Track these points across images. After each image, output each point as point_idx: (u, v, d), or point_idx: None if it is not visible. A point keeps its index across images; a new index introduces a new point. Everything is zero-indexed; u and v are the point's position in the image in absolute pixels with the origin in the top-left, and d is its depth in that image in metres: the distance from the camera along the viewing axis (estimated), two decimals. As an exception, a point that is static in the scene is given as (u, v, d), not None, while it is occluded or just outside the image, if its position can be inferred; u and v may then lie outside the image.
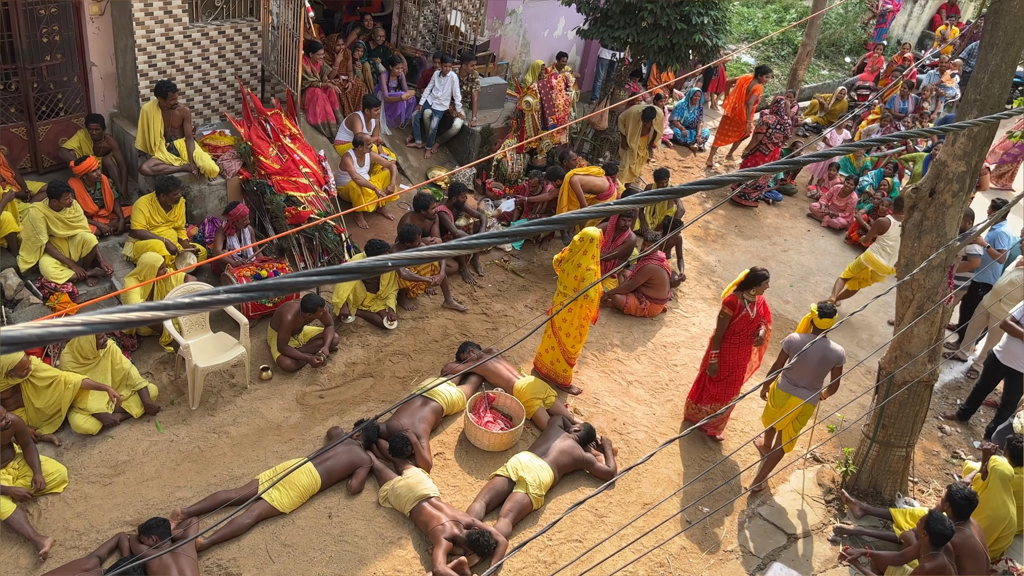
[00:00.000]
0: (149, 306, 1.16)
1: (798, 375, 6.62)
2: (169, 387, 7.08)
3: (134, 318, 1.11)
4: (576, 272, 7.30)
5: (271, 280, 1.33)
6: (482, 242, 1.68)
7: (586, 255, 7.25)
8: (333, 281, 1.34)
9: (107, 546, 5.53)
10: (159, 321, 1.14)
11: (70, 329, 1.02)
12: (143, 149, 8.14)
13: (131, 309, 1.11)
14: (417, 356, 7.93)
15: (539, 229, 1.81)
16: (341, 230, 8.59)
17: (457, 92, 10.76)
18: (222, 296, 1.23)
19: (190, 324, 7.20)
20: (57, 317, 1.04)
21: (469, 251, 1.78)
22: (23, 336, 0.96)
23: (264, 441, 6.70)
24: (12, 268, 7.18)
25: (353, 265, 1.34)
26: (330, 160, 9.32)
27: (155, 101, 8.02)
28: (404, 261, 1.41)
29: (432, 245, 1.51)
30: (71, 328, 1.02)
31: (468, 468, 6.80)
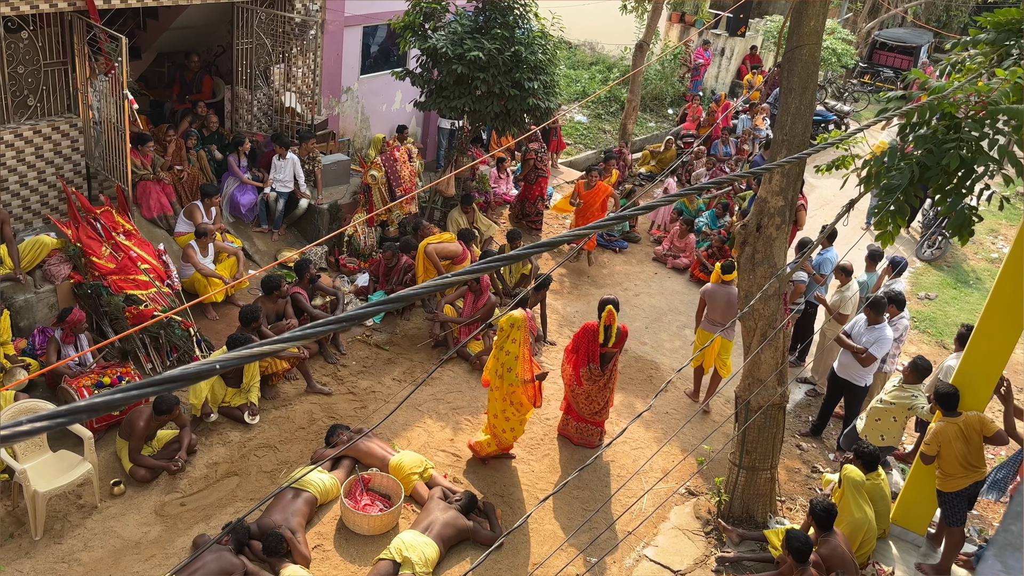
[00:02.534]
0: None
1: (714, 315, 8.67)
2: (7, 518, 6.41)
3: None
4: (505, 360, 7.21)
5: (96, 399, 1.25)
6: (341, 325, 1.65)
7: (513, 341, 7.15)
8: (160, 391, 1.27)
9: None
10: None
11: None
12: None
13: None
14: (284, 447, 7.60)
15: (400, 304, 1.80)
16: (189, 324, 8.20)
17: (300, 172, 10.65)
18: (26, 427, 1.13)
19: (26, 446, 6.58)
20: None
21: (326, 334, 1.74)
22: None
23: (122, 563, 6.17)
24: None
25: (176, 373, 1.28)
26: (171, 253, 8.93)
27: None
28: (234, 361, 1.35)
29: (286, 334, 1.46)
30: None
31: (350, 556, 6.52)
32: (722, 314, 8.59)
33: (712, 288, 8.73)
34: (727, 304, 8.52)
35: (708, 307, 8.76)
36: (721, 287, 8.60)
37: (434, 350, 9.43)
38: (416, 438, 7.96)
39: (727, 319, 8.40)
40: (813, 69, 6.49)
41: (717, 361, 8.94)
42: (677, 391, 9.41)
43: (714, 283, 8.76)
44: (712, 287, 8.74)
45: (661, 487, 7.65)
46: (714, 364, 9.00)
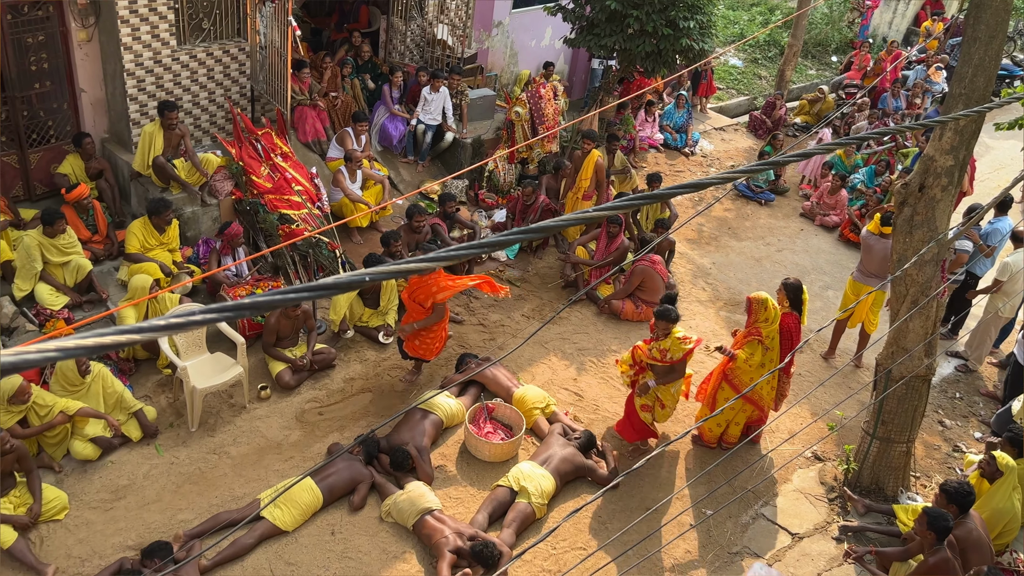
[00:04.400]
0: (126, 329, 1.17)
1: (869, 266, 8.38)
2: (168, 409, 7.07)
3: (108, 342, 1.12)
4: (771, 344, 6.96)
5: (247, 300, 1.34)
6: (472, 251, 1.69)
7: (770, 323, 6.90)
8: (309, 297, 1.35)
9: (109, 570, 5.51)
10: (137, 343, 1.15)
11: (43, 356, 1.03)
12: (140, 170, 8.17)
13: (107, 332, 1.12)
14: (415, 369, 7.93)
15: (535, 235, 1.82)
16: (335, 246, 8.60)
17: (449, 106, 10.81)
18: (198, 317, 1.24)
19: (187, 346, 7.20)
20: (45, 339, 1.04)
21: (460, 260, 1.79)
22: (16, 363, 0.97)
23: (265, 460, 6.69)
24: (7, 296, 7.18)
25: (330, 281, 1.35)
26: (322, 177, 9.35)
27: (157, 121, 8.09)
28: (381, 275, 1.42)
29: (422, 256, 1.51)
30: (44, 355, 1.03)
31: (469, 480, 6.79)
32: (878, 266, 8.27)
33: (870, 237, 8.43)
34: (883, 258, 8.12)
35: (863, 257, 8.50)
36: (879, 239, 8.26)
37: (564, 290, 9.49)
38: (540, 374, 8.09)
39: (883, 273, 8.09)
40: (1004, 17, 5.89)
41: (867, 316, 8.58)
42: (813, 353, 9.06)
43: (872, 232, 8.44)
44: (870, 236, 8.43)
45: (786, 448, 7.45)
46: (862, 321, 8.64)
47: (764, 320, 6.85)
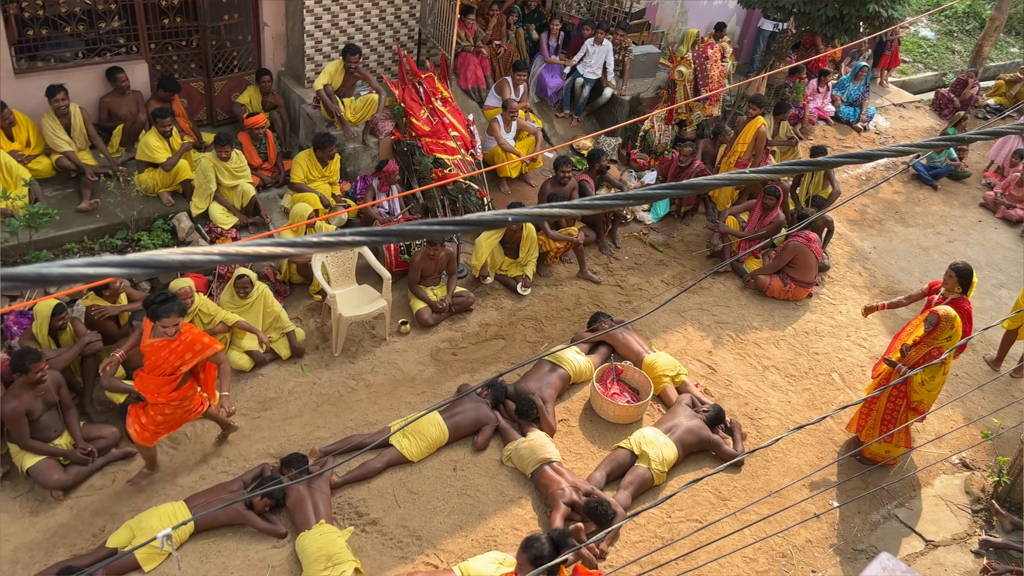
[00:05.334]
0: (281, 242, 1.24)
1: None
2: (315, 333, 7.50)
3: (264, 252, 1.20)
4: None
5: (395, 227, 1.39)
6: (617, 203, 1.67)
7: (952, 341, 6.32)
8: (454, 231, 1.38)
9: (251, 473, 5.98)
10: (289, 256, 1.22)
11: (207, 258, 1.11)
12: (317, 88, 8.52)
13: (263, 243, 1.19)
14: (548, 323, 8.00)
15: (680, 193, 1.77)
16: (484, 194, 8.74)
17: (611, 60, 10.64)
18: (347, 238, 1.29)
19: (338, 275, 7.58)
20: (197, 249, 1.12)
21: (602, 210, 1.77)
22: (167, 261, 1.06)
23: (398, 391, 7.00)
24: (185, 212, 7.80)
25: (473, 218, 1.38)
26: (478, 124, 9.48)
27: (340, 61, 8.47)
28: (524, 216, 1.42)
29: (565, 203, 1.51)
30: (208, 257, 1.11)
31: (591, 437, 6.83)
32: None
33: None
34: None
35: None
36: None
37: (708, 260, 9.23)
38: (674, 342, 7.96)
39: None
40: None
41: None
42: (976, 355, 8.39)
43: None
44: None
45: (931, 450, 7.00)
46: None
47: (946, 339, 6.27)
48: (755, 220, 8.96)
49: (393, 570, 5.54)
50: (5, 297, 6.73)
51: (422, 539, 5.78)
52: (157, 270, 1.06)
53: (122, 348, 5.83)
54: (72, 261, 0.96)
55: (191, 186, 7.83)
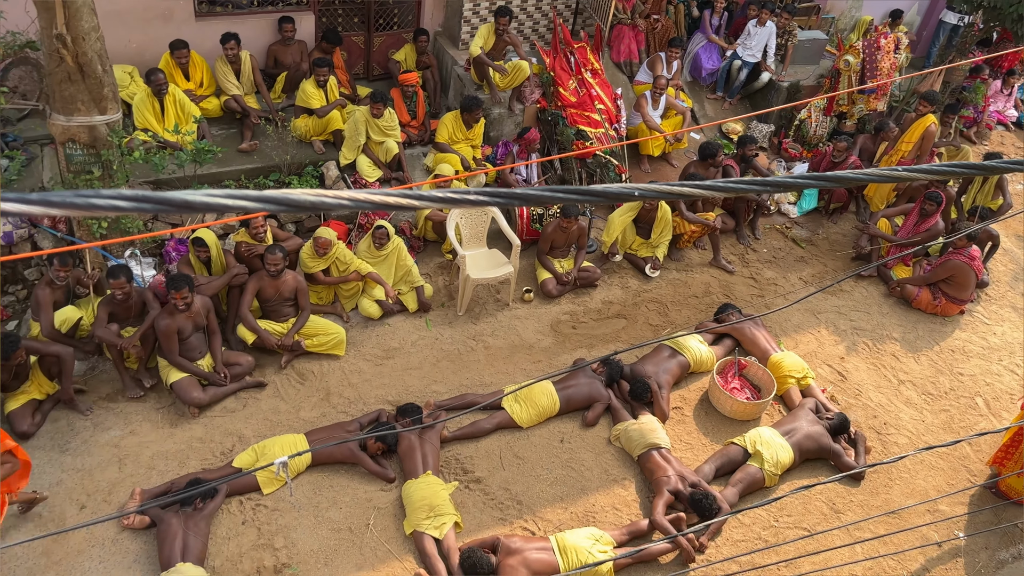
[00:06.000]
0: (409, 194, 1.27)
1: None
2: (443, 291, 7.69)
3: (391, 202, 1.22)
4: None
5: (521, 190, 1.38)
6: (754, 188, 1.59)
7: None
8: (579, 199, 1.36)
9: (369, 417, 6.24)
10: (416, 208, 1.24)
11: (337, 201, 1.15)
12: (473, 53, 8.63)
13: (392, 194, 1.22)
14: (674, 308, 7.85)
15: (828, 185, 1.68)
16: (623, 170, 8.63)
17: (773, 44, 10.18)
18: (471, 196, 1.30)
19: (470, 237, 7.72)
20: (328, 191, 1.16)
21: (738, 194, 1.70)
22: (298, 200, 1.11)
23: (515, 357, 7.08)
24: (334, 161, 8.13)
25: (600, 189, 1.35)
26: (626, 99, 9.32)
27: (491, 24, 8.56)
28: (652, 193, 1.38)
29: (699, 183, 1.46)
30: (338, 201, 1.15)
31: (704, 429, 6.68)
32: None
33: None
34: None
35: None
36: None
37: (853, 262, 8.75)
38: (805, 344, 7.62)
39: None
40: None
41: None
42: None
43: None
44: None
45: (1079, 496, 6.40)
46: None
47: None
48: (910, 225, 8.39)
49: (491, 529, 5.65)
50: (167, 224, 7.28)
51: (522, 504, 5.86)
52: (290, 207, 1.11)
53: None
54: (214, 191, 1.02)
55: (342, 136, 8.14)
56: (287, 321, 6.71)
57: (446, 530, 5.46)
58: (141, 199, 1.01)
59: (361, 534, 5.54)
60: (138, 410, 6.20)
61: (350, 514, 5.65)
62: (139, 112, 7.47)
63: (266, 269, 6.44)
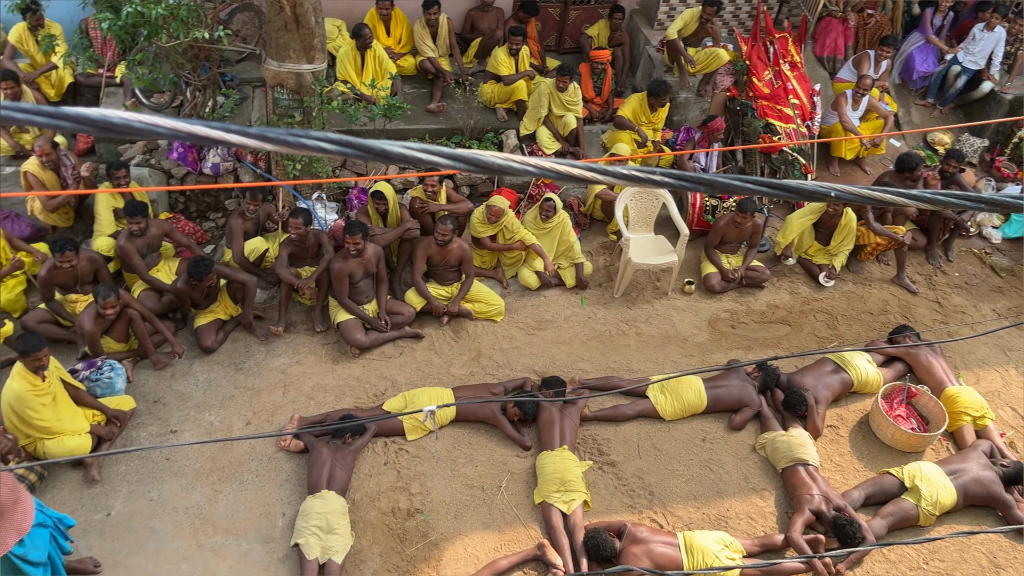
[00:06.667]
0: (579, 165, 1.26)
1: None
2: (602, 271, 7.66)
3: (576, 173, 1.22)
4: None
5: (705, 175, 1.34)
6: (959, 203, 1.46)
7: None
8: (765, 193, 1.30)
9: (514, 383, 6.36)
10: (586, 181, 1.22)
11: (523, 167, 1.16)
12: (670, 36, 8.48)
13: (560, 163, 1.21)
14: (844, 321, 7.41)
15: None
16: (810, 170, 8.19)
17: (1000, 51, 9.27)
18: (656, 177, 1.27)
19: (637, 220, 7.62)
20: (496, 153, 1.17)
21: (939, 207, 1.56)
22: (487, 162, 1.13)
23: (667, 348, 6.96)
24: (514, 131, 8.25)
25: (793, 184, 1.28)
26: (823, 96, 8.81)
27: (697, 9, 8.37)
28: (849, 196, 1.30)
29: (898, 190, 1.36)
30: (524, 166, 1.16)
31: (859, 453, 6.29)
32: None
33: None
34: None
35: None
36: None
37: (1061, 301, 7.88)
38: (988, 381, 6.98)
39: None
40: None
41: None
42: None
43: None
44: None
45: None
46: None
47: None
48: None
49: (618, 514, 5.63)
50: (353, 172, 7.69)
51: (654, 495, 5.79)
52: (479, 168, 1.14)
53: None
54: (411, 144, 1.06)
55: (525, 106, 8.24)
56: (451, 285, 6.94)
57: (574, 506, 5.49)
58: (344, 143, 1.07)
59: (492, 494, 5.68)
60: (306, 343, 6.64)
61: (484, 473, 5.80)
62: (342, 64, 7.90)
63: (435, 237, 6.64)
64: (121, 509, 5.32)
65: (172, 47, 6.41)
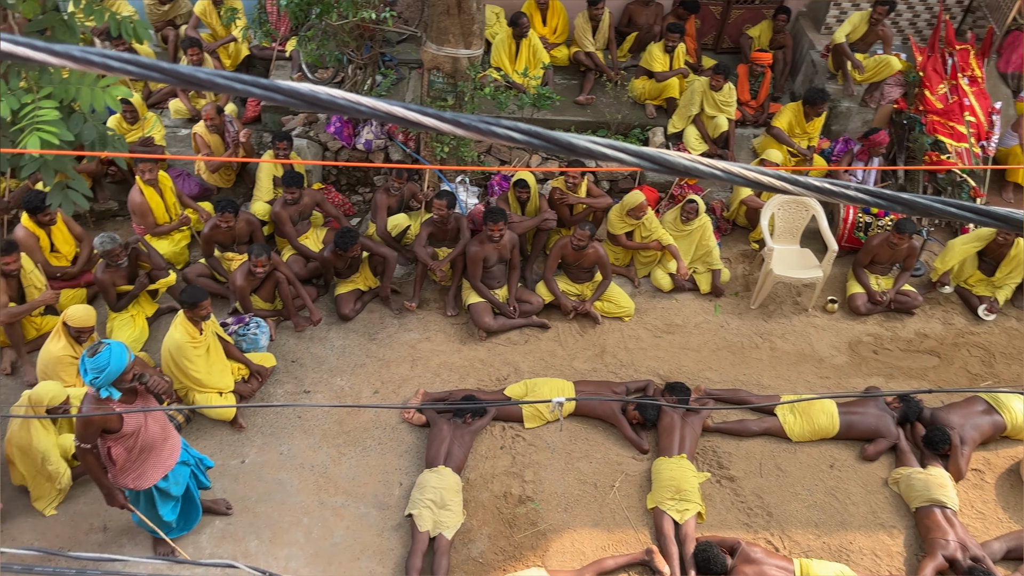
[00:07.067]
0: (780, 175, 1.20)
1: None
2: (739, 280, 7.42)
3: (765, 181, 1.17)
4: None
5: (873, 188, 1.25)
6: None
7: None
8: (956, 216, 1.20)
9: (637, 384, 6.27)
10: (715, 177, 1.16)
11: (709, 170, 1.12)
12: (837, 40, 8.07)
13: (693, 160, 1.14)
14: (1003, 360, 6.86)
15: None
16: (980, 194, 7.62)
17: None
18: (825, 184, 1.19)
19: (783, 231, 7.33)
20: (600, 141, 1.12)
21: None
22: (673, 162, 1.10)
23: (801, 366, 6.67)
24: (662, 128, 8.10)
25: (974, 206, 1.17)
26: (1004, 116, 8.15)
27: (866, 12, 7.96)
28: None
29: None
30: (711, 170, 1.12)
31: (1005, 503, 5.82)
32: None
33: None
34: None
35: None
36: None
37: None
38: None
39: None
40: None
41: None
42: None
43: None
44: None
45: None
46: None
47: None
48: None
49: (732, 531, 5.47)
50: (497, 159, 7.79)
51: (772, 517, 5.58)
52: (664, 168, 1.11)
53: None
54: (597, 139, 1.05)
55: (675, 104, 8.07)
56: (582, 284, 6.92)
57: (688, 516, 5.37)
58: (533, 134, 1.07)
59: (604, 492, 5.65)
60: (437, 321, 6.81)
61: (598, 471, 5.77)
62: (496, 51, 8.00)
63: (571, 240, 6.61)
64: (254, 458, 5.66)
65: (340, 25, 6.68)
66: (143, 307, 6.36)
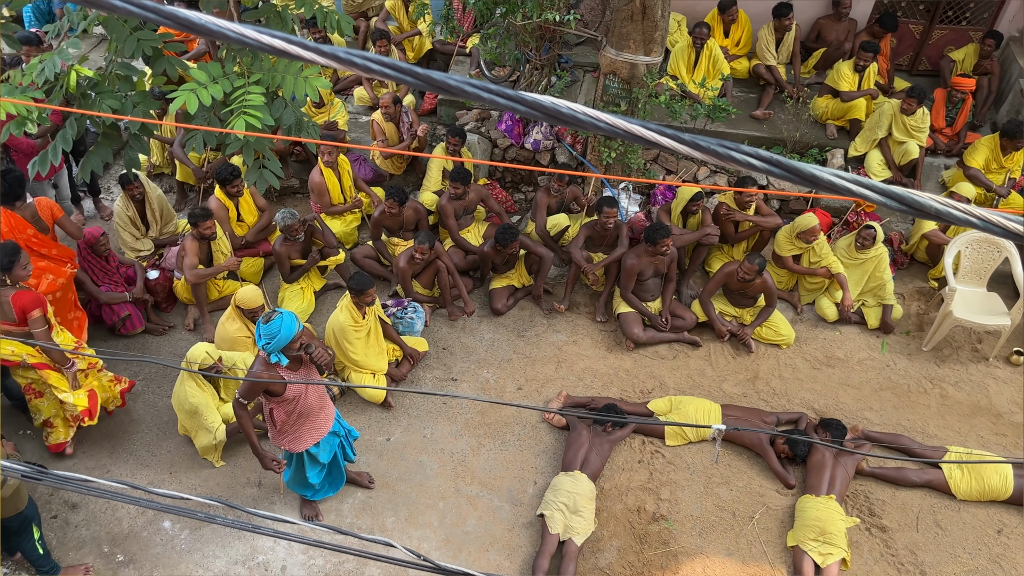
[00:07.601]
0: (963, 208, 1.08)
1: None
2: (912, 318, 6.94)
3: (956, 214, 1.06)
4: None
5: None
6: None
7: None
8: None
9: (789, 416, 6.00)
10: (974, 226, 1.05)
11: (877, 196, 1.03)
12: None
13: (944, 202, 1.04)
14: None
15: None
16: None
17: None
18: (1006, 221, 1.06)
19: (969, 271, 6.77)
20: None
21: None
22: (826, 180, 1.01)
23: (975, 420, 6.15)
24: (842, 150, 7.68)
25: None
26: None
27: None
28: None
29: None
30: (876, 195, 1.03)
31: None
32: None
33: None
34: None
35: None
36: None
37: None
38: None
39: None
40: None
41: None
42: None
43: None
44: None
45: None
46: None
47: None
48: None
49: (879, 585, 5.12)
50: (662, 168, 7.66)
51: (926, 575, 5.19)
52: (911, 209, 1.04)
53: None
54: (842, 174, 1.00)
55: (859, 126, 7.64)
56: (744, 309, 6.69)
57: (831, 561, 5.08)
58: (773, 162, 1.03)
59: (743, 523, 5.44)
60: (585, 325, 6.80)
61: (739, 499, 5.57)
62: (675, 59, 7.87)
63: (737, 270, 6.37)
64: (399, 438, 5.86)
65: (523, 25, 6.79)
66: (312, 281, 6.74)
